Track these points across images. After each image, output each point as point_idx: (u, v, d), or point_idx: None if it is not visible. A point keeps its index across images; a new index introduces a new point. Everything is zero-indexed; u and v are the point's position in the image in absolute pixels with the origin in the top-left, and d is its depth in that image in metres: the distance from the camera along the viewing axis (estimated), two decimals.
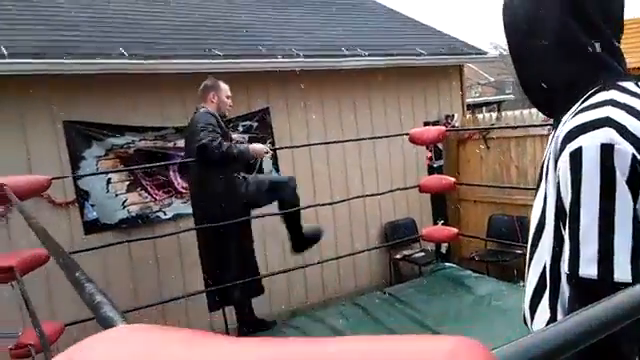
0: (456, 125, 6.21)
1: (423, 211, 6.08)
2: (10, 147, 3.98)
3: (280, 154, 5.05)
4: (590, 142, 0.80)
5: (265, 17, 6.14)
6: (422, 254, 5.80)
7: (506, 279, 4.53)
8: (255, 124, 5.09)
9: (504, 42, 1.06)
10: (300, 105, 5.30)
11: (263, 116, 5.14)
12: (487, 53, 6.69)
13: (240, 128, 4.97)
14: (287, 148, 4.75)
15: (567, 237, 0.84)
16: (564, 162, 0.83)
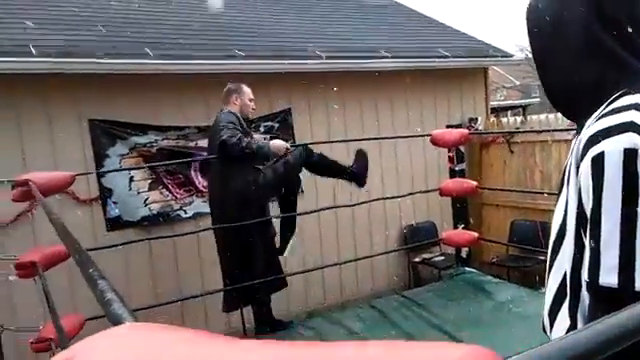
0: (480, 129, 6.13)
1: (444, 214, 6.01)
2: (36, 144, 4.07)
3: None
4: (613, 147, 0.78)
5: (288, 18, 6.15)
6: (442, 258, 5.74)
7: (527, 285, 4.45)
8: (276, 125, 5.11)
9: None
10: (321, 106, 5.30)
11: (285, 117, 5.16)
12: (513, 56, 6.58)
13: (262, 129, 5.00)
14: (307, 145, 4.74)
15: (587, 244, 0.81)
16: (586, 167, 0.81)
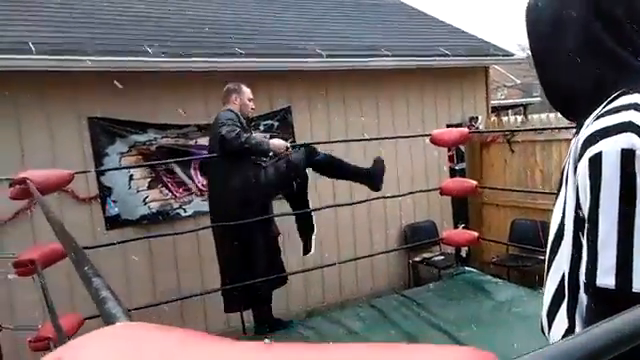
0: (480, 128, 6.12)
1: (444, 214, 6.01)
2: (35, 142, 4.06)
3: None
4: (611, 147, 0.78)
5: (288, 16, 6.14)
6: (442, 257, 5.74)
7: (527, 284, 4.44)
8: (276, 123, 5.10)
9: None
10: (322, 105, 5.29)
11: (284, 115, 5.15)
12: (514, 55, 6.56)
13: (261, 127, 4.99)
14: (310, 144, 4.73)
15: (585, 244, 0.81)
16: (583, 167, 0.81)
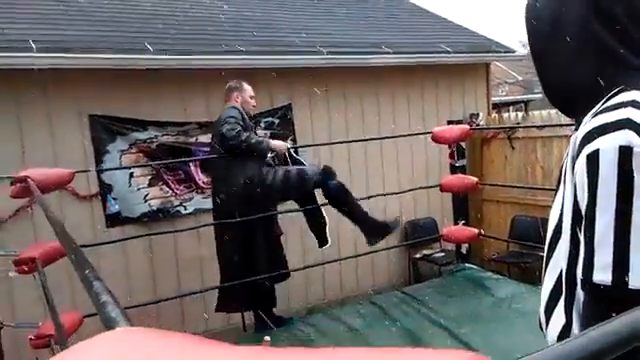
0: (481, 124, 6.12)
1: (444, 211, 6.01)
2: (36, 139, 4.06)
3: (301, 151, 5.04)
4: (608, 144, 0.78)
5: (288, 13, 6.13)
6: (442, 254, 5.75)
7: (528, 281, 4.45)
8: (277, 121, 5.10)
9: None
10: (322, 102, 5.28)
11: (285, 112, 5.15)
12: (515, 51, 6.55)
13: (262, 124, 4.99)
14: (307, 146, 4.74)
15: (582, 241, 0.81)
16: (581, 164, 0.81)
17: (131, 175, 4.47)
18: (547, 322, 0.94)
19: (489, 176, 5.99)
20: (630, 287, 0.75)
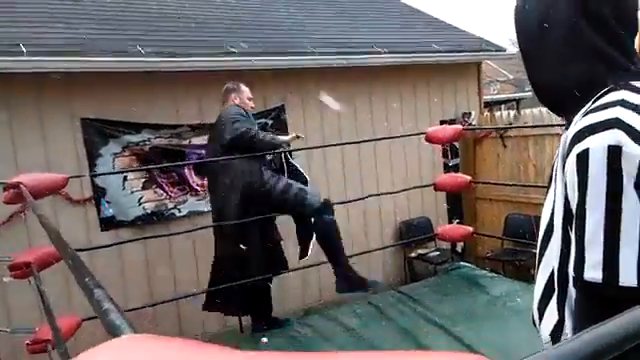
0: (473, 123, 6.15)
1: (438, 210, 6.03)
2: (28, 142, 4.04)
3: (294, 152, 5.04)
4: (597, 143, 0.79)
5: (281, 14, 6.13)
6: (437, 253, 5.77)
7: (522, 279, 4.48)
8: (270, 121, 5.10)
9: None
10: (315, 102, 5.29)
11: (278, 114, 5.15)
12: (506, 50, 6.59)
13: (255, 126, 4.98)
14: (302, 150, 4.74)
15: (573, 239, 0.83)
16: (571, 163, 0.82)
17: (125, 178, 4.45)
18: (540, 319, 0.96)
19: (482, 174, 6.03)
20: (620, 284, 0.76)
